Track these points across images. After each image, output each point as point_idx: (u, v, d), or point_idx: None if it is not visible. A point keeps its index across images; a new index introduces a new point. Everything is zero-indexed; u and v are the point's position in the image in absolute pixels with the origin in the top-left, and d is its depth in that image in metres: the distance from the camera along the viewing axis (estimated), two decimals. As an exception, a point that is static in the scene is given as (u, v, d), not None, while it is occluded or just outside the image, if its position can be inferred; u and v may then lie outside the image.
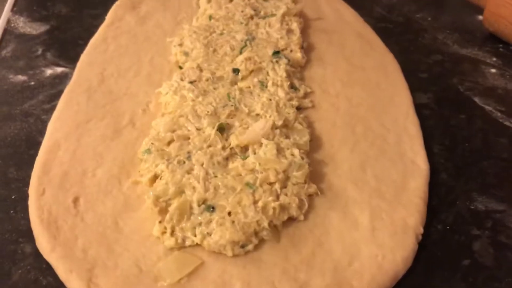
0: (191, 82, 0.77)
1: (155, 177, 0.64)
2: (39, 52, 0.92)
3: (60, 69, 0.88)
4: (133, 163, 0.68)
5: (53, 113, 0.76)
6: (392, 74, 0.87)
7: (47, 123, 0.74)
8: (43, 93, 0.83)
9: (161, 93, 0.78)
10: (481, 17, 1.02)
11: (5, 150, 0.72)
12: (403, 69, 0.89)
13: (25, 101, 0.81)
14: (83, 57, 0.87)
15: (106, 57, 0.87)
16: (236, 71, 0.80)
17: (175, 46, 0.87)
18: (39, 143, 0.71)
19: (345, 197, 0.65)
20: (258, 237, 0.59)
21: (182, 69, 0.82)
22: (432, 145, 0.76)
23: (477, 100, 0.86)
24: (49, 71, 0.87)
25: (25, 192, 0.65)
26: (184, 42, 0.87)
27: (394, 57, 0.92)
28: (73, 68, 0.86)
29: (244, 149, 0.67)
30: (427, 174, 0.69)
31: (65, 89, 0.80)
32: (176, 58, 0.86)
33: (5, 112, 0.78)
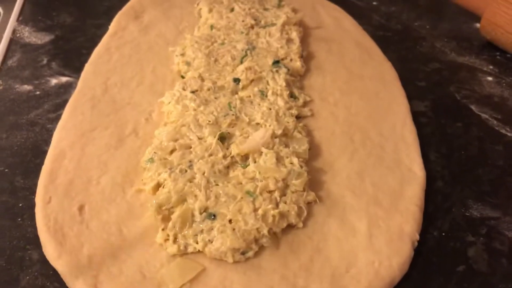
0: (193, 92, 0.79)
1: (158, 186, 0.66)
2: (44, 62, 0.94)
3: (64, 79, 0.90)
4: (136, 172, 0.70)
5: (58, 122, 0.77)
6: (390, 82, 0.89)
7: (53, 132, 0.76)
8: (49, 103, 0.84)
9: (163, 102, 0.79)
10: (478, 25, 1.04)
11: (12, 159, 0.74)
12: (401, 77, 0.91)
13: (31, 111, 0.82)
14: (87, 67, 0.89)
15: (109, 66, 0.89)
16: (236, 80, 0.82)
17: (177, 55, 0.89)
18: (45, 152, 0.73)
19: (343, 205, 0.67)
20: (258, 244, 0.60)
21: (184, 79, 0.83)
22: (428, 152, 0.78)
23: (473, 108, 0.88)
24: (54, 81, 0.89)
25: (32, 200, 0.66)
26: (186, 52, 0.89)
27: (392, 66, 0.93)
28: (77, 77, 0.87)
29: (245, 157, 0.69)
30: (424, 182, 0.71)
31: (69, 98, 0.82)
32: (178, 67, 0.88)
33: (12, 122, 0.80)
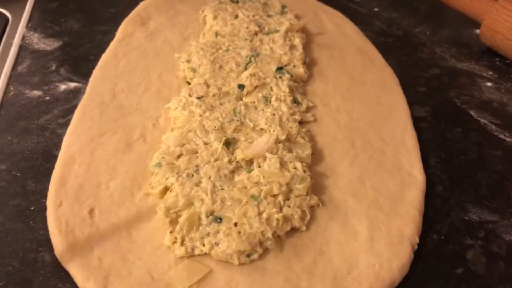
0: (198, 98, 0.81)
1: (166, 190, 0.68)
2: (53, 68, 0.96)
3: (73, 84, 0.92)
4: (144, 176, 0.72)
5: (68, 127, 0.79)
6: (391, 88, 0.91)
7: (62, 137, 0.78)
8: (58, 108, 0.86)
9: (170, 108, 0.82)
10: (478, 31, 1.05)
11: (23, 163, 0.76)
12: (402, 83, 0.93)
13: (41, 116, 0.85)
14: (95, 73, 0.91)
15: (117, 72, 0.91)
16: (241, 86, 0.84)
17: (183, 62, 0.91)
18: (55, 156, 0.75)
19: (345, 209, 0.69)
20: (263, 246, 0.62)
21: (190, 85, 0.85)
22: (428, 157, 0.80)
23: (473, 113, 0.89)
24: (63, 86, 0.91)
25: (43, 203, 0.68)
26: (191, 59, 0.91)
27: (393, 72, 0.95)
28: (85, 83, 0.89)
29: (249, 162, 0.71)
30: (423, 186, 0.73)
31: (78, 104, 0.84)
32: (184, 74, 0.90)
33: (23, 127, 0.82)
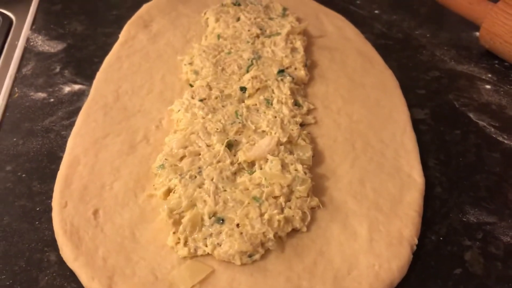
0: (201, 100, 0.82)
1: (169, 191, 0.69)
2: (57, 70, 0.97)
3: (77, 87, 0.93)
4: (147, 177, 0.73)
5: (72, 129, 0.81)
6: (391, 90, 0.92)
7: (67, 139, 0.79)
8: (62, 110, 0.88)
9: (173, 110, 0.83)
10: (477, 34, 1.07)
11: (29, 165, 0.77)
12: (402, 85, 0.94)
13: (45, 118, 0.86)
14: (99, 75, 0.92)
15: (120, 75, 0.92)
16: (243, 89, 0.85)
17: (185, 64, 0.92)
18: (60, 158, 0.76)
19: (345, 210, 0.70)
20: (264, 247, 0.63)
21: (192, 87, 0.87)
22: (428, 159, 0.81)
23: (472, 116, 0.90)
24: (67, 88, 0.93)
25: (49, 204, 0.70)
26: (194, 61, 0.92)
27: (393, 74, 0.96)
28: (89, 85, 0.90)
29: (251, 164, 0.72)
30: (422, 188, 0.74)
31: (82, 106, 0.85)
32: (186, 76, 0.91)
33: (28, 128, 0.84)
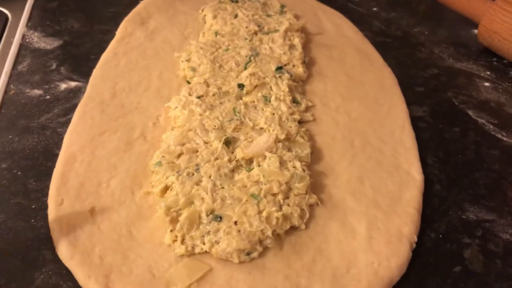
0: (198, 97, 0.82)
1: (166, 188, 0.69)
2: (54, 66, 0.96)
3: (74, 83, 0.92)
4: (145, 174, 0.72)
5: (69, 126, 0.80)
6: (390, 88, 0.91)
7: (63, 136, 0.79)
8: (59, 107, 0.87)
9: (170, 107, 0.82)
10: (476, 31, 1.06)
11: (24, 162, 0.76)
12: (400, 82, 0.93)
13: (41, 115, 0.85)
14: (96, 72, 0.91)
15: (117, 72, 0.91)
16: (241, 86, 0.84)
17: (182, 61, 0.92)
18: (56, 155, 0.76)
19: (344, 207, 0.69)
20: (263, 245, 0.63)
21: (190, 84, 0.86)
22: (426, 157, 0.80)
23: (470, 113, 0.90)
24: (63, 85, 0.92)
25: (45, 202, 0.69)
26: (191, 58, 0.91)
27: (391, 72, 0.96)
28: (86, 82, 0.90)
29: (249, 161, 0.72)
30: (422, 185, 0.73)
31: (79, 102, 0.85)
32: (184, 73, 0.90)
33: (24, 125, 0.83)
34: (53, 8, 1.14)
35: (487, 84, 0.97)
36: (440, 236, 0.69)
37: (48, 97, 0.89)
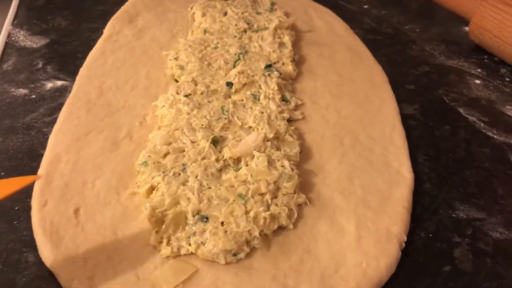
0: (186, 96, 0.81)
1: (152, 189, 0.68)
2: (40, 65, 0.95)
3: (60, 82, 0.91)
4: (130, 175, 0.71)
5: (54, 126, 0.79)
6: (380, 86, 0.91)
7: (48, 136, 0.77)
8: (44, 106, 0.85)
9: (157, 106, 0.81)
10: (467, 29, 1.06)
11: (8, 163, 0.75)
12: (391, 80, 0.93)
13: (26, 114, 0.83)
14: (82, 71, 0.90)
15: (104, 70, 0.90)
16: (229, 84, 0.83)
17: (170, 59, 0.90)
18: (41, 155, 0.74)
19: (333, 206, 0.68)
20: (250, 245, 0.62)
21: (177, 83, 0.85)
22: (417, 155, 0.79)
23: (461, 111, 0.89)
24: (49, 85, 0.90)
25: (28, 203, 0.67)
26: (179, 56, 0.90)
27: (382, 69, 0.95)
28: (72, 81, 0.88)
29: (237, 161, 0.71)
30: (412, 184, 0.72)
31: (65, 102, 0.83)
32: (172, 71, 0.89)
33: (8, 125, 0.81)
34: (39, 6, 1.12)
35: (478, 81, 0.97)
36: (430, 235, 0.68)
37: (33, 96, 0.88)
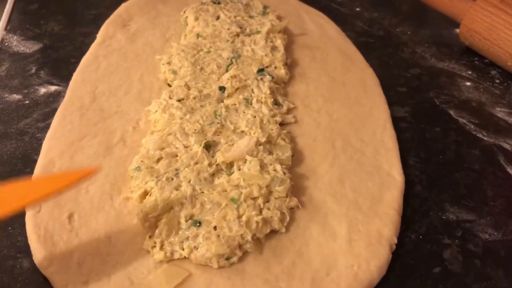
0: (179, 100, 0.81)
1: (145, 194, 0.68)
2: (33, 70, 0.95)
3: (53, 88, 0.91)
4: (124, 180, 0.71)
5: (48, 131, 0.79)
6: (371, 89, 0.91)
7: (42, 141, 0.77)
8: (38, 112, 0.86)
9: (150, 111, 0.81)
10: (458, 30, 1.07)
11: (2, 168, 0.75)
12: (383, 83, 0.93)
13: (20, 120, 0.84)
14: (76, 76, 0.90)
15: (97, 75, 0.90)
16: (222, 89, 0.84)
17: (163, 64, 0.91)
18: (35, 161, 0.75)
19: (324, 210, 0.69)
20: (242, 249, 0.63)
21: (170, 87, 0.85)
22: (408, 157, 0.80)
23: (452, 113, 0.90)
24: (43, 90, 0.91)
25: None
26: (172, 61, 0.91)
27: (373, 72, 0.96)
28: (66, 86, 0.89)
29: (230, 165, 0.71)
30: (402, 186, 0.73)
31: (58, 107, 0.83)
32: (164, 76, 0.89)
33: (1, 131, 0.81)
34: (33, 10, 1.13)
35: (468, 83, 0.98)
36: (421, 237, 0.69)
37: (27, 101, 0.88)
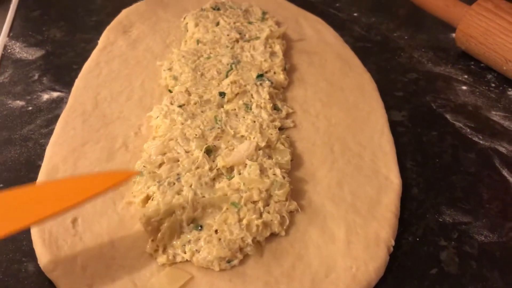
0: (180, 106, 0.83)
1: (147, 198, 0.69)
2: (36, 77, 0.96)
3: (56, 94, 0.93)
4: (126, 185, 0.72)
5: (51, 137, 0.80)
6: (369, 93, 0.93)
7: (45, 147, 0.79)
8: (41, 118, 0.87)
9: (152, 116, 0.83)
10: (454, 35, 1.08)
11: (6, 174, 0.76)
12: (380, 88, 0.95)
13: (24, 126, 0.85)
14: (78, 82, 0.92)
15: (99, 81, 0.92)
16: (222, 94, 0.85)
17: (164, 70, 0.92)
18: (39, 166, 0.76)
19: (323, 213, 0.70)
20: (243, 252, 0.64)
21: (171, 93, 0.87)
22: (405, 161, 0.82)
23: (448, 117, 0.92)
24: (45, 96, 0.92)
25: (27, 214, 0.69)
26: (173, 67, 0.92)
27: (371, 77, 0.97)
28: (68, 92, 0.90)
29: (230, 169, 0.73)
30: (399, 190, 0.75)
31: (61, 113, 0.85)
32: (165, 82, 0.91)
33: (5, 137, 0.83)
34: (35, 17, 1.14)
35: (464, 87, 0.99)
36: (418, 239, 0.70)
37: (30, 108, 0.89)
